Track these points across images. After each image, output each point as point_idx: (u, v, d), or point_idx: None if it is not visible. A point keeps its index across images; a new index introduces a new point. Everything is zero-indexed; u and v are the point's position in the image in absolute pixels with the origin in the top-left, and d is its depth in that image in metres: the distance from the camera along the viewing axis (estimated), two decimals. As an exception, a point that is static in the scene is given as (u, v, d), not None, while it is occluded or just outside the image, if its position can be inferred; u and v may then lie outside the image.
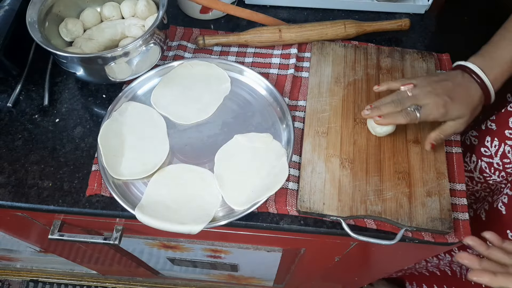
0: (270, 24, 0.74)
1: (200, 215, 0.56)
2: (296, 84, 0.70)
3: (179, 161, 0.62)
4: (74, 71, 0.64)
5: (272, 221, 0.59)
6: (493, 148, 0.65)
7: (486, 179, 0.69)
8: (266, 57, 0.73)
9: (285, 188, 0.60)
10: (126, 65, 0.63)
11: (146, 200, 0.58)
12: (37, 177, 0.61)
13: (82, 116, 0.67)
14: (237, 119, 0.65)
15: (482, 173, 0.69)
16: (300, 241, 0.71)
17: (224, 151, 0.62)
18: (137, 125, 0.64)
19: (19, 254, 1.18)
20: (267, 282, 1.22)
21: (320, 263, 0.89)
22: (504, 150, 0.63)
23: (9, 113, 0.68)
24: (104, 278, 1.42)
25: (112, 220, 0.66)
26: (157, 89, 0.68)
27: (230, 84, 0.68)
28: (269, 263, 0.94)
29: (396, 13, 0.80)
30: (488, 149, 0.66)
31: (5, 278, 1.45)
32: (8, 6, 0.67)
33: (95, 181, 0.60)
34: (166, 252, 0.94)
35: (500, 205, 0.65)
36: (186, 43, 0.74)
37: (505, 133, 0.63)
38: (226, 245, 0.81)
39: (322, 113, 0.65)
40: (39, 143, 0.65)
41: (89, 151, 0.64)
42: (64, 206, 0.59)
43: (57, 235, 0.67)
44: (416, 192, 0.59)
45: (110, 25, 0.70)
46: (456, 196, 0.60)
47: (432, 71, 0.70)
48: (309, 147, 0.62)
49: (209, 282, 1.36)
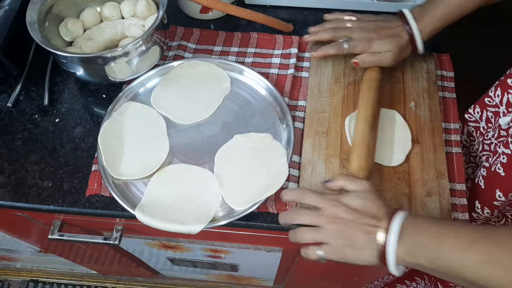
0: (270, 24, 0.74)
1: (200, 215, 0.56)
2: (296, 84, 0.70)
3: (179, 161, 0.62)
4: (74, 71, 0.64)
5: (272, 221, 0.59)
6: (497, 98, 0.65)
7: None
8: (266, 57, 0.73)
9: (285, 188, 0.60)
10: (126, 65, 0.63)
11: (146, 200, 0.58)
12: (37, 177, 0.61)
13: (82, 116, 0.67)
14: (237, 119, 0.65)
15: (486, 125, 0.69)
16: (300, 241, 0.71)
17: (224, 151, 0.62)
18: (137, 125, 0.64)
19: (19, 254, 1.18)
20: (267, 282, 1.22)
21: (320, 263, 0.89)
22: (508, 98, 0.63)
23: (9, 113, 0.68)
24: (104, 278, 1.42)
25: (112, 220, 0.66)
26: (157, 89, 0.68)
27: (230, 84, 0.68)
28: (269, 263, 0.94)
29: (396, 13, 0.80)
30: (491, 99, 0.66)
31: (5, 278, 1.45)
32: (8, 6, 0.67)
33: (95, 181, 0.60)
34: (166, 252, 0.94)
35: (498, 167, 0.64)
36: (186, 43, 0.74)
37: (507, 82, 0.63)
38: (226, 245, 0.81)
39: (322, 113, 0.65)
40: (39, 143, 0.65)
41: (89, 151, 0.64)
42: (64, 206, 0.60)
43: (57, 235, 0.67)
44: (416, 192, 0.59)
45: (110, 25, 0.70)
46: (456, 196, 0.60)
47: (432, 71, 0.70)
48: (309, 147, 0.62)
49: (209, 282, 1.36)
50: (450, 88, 0.70)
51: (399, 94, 0.68)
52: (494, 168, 0.59)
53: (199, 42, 0.75)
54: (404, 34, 0.62)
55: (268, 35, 0.75)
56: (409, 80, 0.69)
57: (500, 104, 0.63)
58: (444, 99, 0.68)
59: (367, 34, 0.62)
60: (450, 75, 0.71)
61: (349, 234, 0.47)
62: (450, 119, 0.67)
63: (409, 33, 0.61)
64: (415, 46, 0.62)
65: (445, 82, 0.70)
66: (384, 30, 0.62)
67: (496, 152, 0.60)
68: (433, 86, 0.68)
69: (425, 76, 0.69)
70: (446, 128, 0.66)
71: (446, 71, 0.71)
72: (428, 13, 0.61)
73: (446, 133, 0.65)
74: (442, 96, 0.69)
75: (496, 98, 0.64)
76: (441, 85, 0.70)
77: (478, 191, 0.64)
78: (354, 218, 0.47)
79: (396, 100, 0.67)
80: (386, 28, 0.63)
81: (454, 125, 0.66)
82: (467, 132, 0.72)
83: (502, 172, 0.58)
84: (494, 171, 0.59)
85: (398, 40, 0.61)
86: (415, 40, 0.62)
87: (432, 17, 0.61)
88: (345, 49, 0.64)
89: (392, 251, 0.44)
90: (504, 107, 0.62)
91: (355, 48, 0.63)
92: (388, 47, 0.62)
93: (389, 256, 0.45)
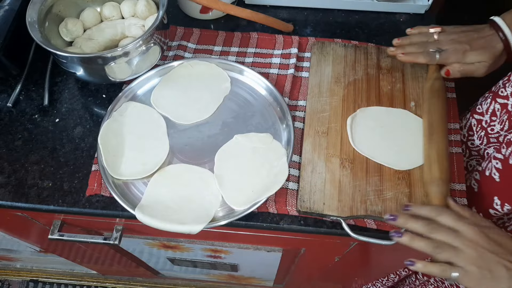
0: (270, 24, 0.74)
1: (200, 215, 0.56)
2: (296, 84, 0.70)
3: (179, 161, 0.62)
4: (74, 71, 0.64)
5: (272, 221, 0.59)
6: (485, 106, 0.64)
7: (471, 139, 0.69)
8: (266, 57, 0.73)
9: (285, 188, 0.60)
10: (126, 65, 0.63)
11: (146, 200, 0.58)
12: (37, 177, 0.61)
13: (82, 116, 0.67)
14: (237, 119, 0.65)
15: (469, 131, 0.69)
16: (300, 241, 0.71)
17: (224, 151, 0.62)
18: (137, 125, 0.64)
19: (19, 254, 1.18)
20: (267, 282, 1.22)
21: (320, 263, 0.89)
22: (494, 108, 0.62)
23: (9, 113, 0.68)
24: (104, 278, 1.42)
25: (112, 220, 0.66)
26: (157, 89, 0.68)
27: (230, 84, 0.68)
28: (269, 263, 0.94)
29: (396, 13, 0.80)
30: (480, 106, 0.65)
31: (5, 278, 1.45)
32: (8, 6, 0.67)
33: (95, 181, 0.60)
34: (166, 252, 0.94)
35: (494, 172, 0.63)
36: (186, 43, 0.74)
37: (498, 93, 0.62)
38: (226, 245, 0.81)
39: (322, 113, 0.65)
40: (39, 143, 0.65)
41: (89, 151, 0.64)
42: (64, 206, 0.59)
43: (57, 235, 0.67)
44: (416, 192, 0.59)
45: (110, 25, 0.70)
46: (456, 196, 0.60)
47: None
48: (309, 147, 0.62)
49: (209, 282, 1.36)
50: (450, 88, 0.70)
51: (399, 94, 0.68)
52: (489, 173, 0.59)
53: (199, 42, 0.75)
54: (498, 44, 0.59)
55: (268, 35, 0.75)
56: (409, 80, 0.69)
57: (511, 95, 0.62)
58: (444, 99, 0.68)
59: (460, 46, 0.60)
60: (450, 75, 0.71)
61: (489, 266, 0.46)
62: (450, 119, 0.66)
63: (503, 41, 0.59)
64: (510, 55, 0.59)
65: (445, 82, 0.70)
66: (476, 40, 0.60)
67: (510, 143, 0.59)
68: (433, 86, 0.68)
69: (425, 76, 0.69)
70: (446, 128, 0.65)
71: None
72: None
73: (446, 133, 0.65)
74: (442, 96, 0.69)
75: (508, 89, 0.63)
76: (441, 85, 0.69)
77: (493, 184, 0.62)
78: (495, 251, 0.47)
79: (397, 100, 0.67)
80: (479, 39, 0.60)
81: (454, 125, 0.66)
82: (469, 126, 0.71)
83: (497, 178, 0.57)
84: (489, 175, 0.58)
85: (492, 51, 0.59)
86: (510, 49, 0.59)
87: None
88: (437, 60, 0.63)
89: None
90: None
91: (447, 59, 0.62)
92: (483, 58, 0.59)
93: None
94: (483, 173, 0.60)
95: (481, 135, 0.64)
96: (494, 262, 0.46)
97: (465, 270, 0.47)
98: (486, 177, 0.59)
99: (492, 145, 0.63)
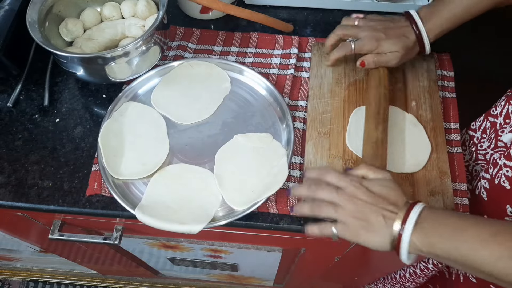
0: (270, 24, 0.74)
1: (200, 215, 0.56)
2: (296, 84, 0.70)
3: (179, 161, 0.62)
4: (74, 71, 0.64)
5: (272, 221, 0.59)
6: (499, 108, 0.64)
7: None
8: (266, 57, 0.73)
9: (286, 188, 0.60)
10: (126, 65, 0.63)
11: (146, 200, 0.58)
12: (37, 177, 0.61)
13: (82, 116, 0.67)
14: (237, 119, 0.65)
15: None
16: (300, 241, 0.71)
17: (224, 151, 0.62)
18: (137, 125, 0.64)
19: (19, 254, 1.18)
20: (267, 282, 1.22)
21: (320, 263, 0.89)
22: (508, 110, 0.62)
23: (9, 113, 0.68)
24: (104, 278, 1.42)
25: (112, 220, 0.66)
26: (157, 89, 0.68)
27: (230, 84, 0.68)
28: (269, 263, 0.94)
29: (396, 13, 0.80)
30: (495, 109, 0.64)
31: (5, 278, 1.45)
32: (8, 6, 0.67)
33: (95, 181, 0.60)
34: (166, 252, 0.94)
35: (503, 180, 0.62)
36: (186, 43, 0.74)
37: None
38: (226, 245, 0.81)
39: (324, 114, 0.65)
40: (39, 143, 0.65)
41: (89, 151, 0.64)
42: (64, 206, 0.60)
43: (57, 235, 0.67)
44: (419, 191, 0.59)
45: (110, 25, 0.70)
46: (458, 196, 0.60)
47: (433, 70, 0.70)
48: (312, 148, 0.62)
49: (209, 282, 1.36)
50: (450, 88, 0.70)
51: (400, 93, 0.68)
52: (498, 181, 0.58)
53: (199, 42, 0.75)
54: (411, 35, 0.61)
55: (268, 35, 0.75)
56: (409, 79, 0.69)
57: (500, 115, 0.62)
58: (444, 98, 0.68)
59: (376, 33, 0.62)
60: (450, 75, 0.71)
61: (366, 216, 0.47)
62: (450, 118, 0.67)
63: (416, 34, 0.61)
64: (422, 47, 0.62)
65: (445, 81, 0.70)
66: (392, 30, 0.62)
67: (497, 164, 0.59)
68: (434, 85, 0.68)
69: (426, 75, 0.69)
70: (446, 128, 0.65)
71: (446, 71, 0.71)
72: (435, 14, 0.60)
73: (446, 132, 0.65)
74: (442, 95, 0.69)
75: (497, 109, 0.63)
76: (441, 84, 0.70)
77: (481, 203, 0.63)
78: (373, 202, 0.48)
79: (398, 99, 0.67)
80: (394, 28, 0.62)
81: (454, 124, 0.66)
82: (462, 141, 0.71)
83: (507, 186, 0.56)
84: (498, 183, 0.58)
85: (405, 41, 0.61)
86: (423, 41, 0.61)
87: (439, 19, 0.60)
88: (353, 49, 0.63)
89: (407, 239, 0.45)
90: (502, 118, 0.61)
91: (363, 47, 0.62)
92: (396, 48, 0.61)
93: (403, 243, 0.45)
94: (492, 181, 0.59)
95: (491, 137, 0.64)
96: (371, 212, 0.47)
97: (343, 223, 0.48)
98: (496, 185, 0.59)
99: (499, 149, 0.63)
